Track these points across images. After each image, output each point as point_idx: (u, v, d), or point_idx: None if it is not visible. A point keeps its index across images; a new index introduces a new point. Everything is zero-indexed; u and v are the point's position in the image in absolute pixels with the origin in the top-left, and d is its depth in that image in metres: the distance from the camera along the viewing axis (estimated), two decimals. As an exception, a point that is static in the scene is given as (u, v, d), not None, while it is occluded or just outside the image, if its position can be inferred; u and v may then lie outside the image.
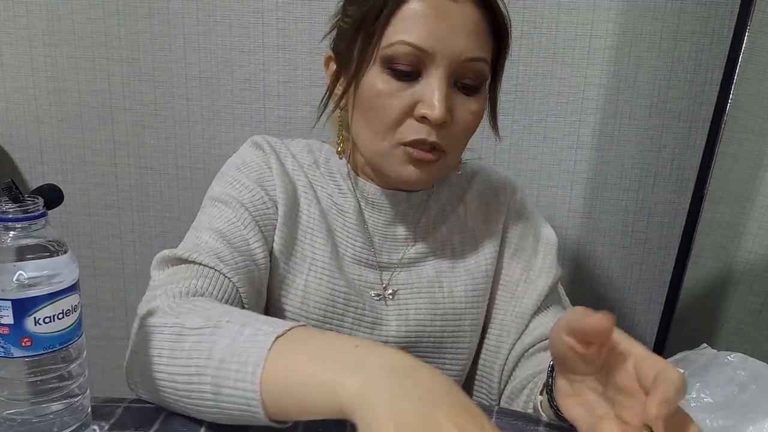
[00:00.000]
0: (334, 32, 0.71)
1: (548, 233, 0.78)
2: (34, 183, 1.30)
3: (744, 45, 0.98)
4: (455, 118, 0.64)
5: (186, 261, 0.63)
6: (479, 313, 0.75)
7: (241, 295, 0.63)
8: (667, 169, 1.18)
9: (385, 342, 0.71)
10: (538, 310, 0.73)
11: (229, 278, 0.62)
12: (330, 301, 0.69)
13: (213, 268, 0.62)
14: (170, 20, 1.18)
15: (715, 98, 1.04)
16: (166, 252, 0.64)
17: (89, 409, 0.48)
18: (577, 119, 1.17)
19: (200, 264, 0.62)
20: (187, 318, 0.51)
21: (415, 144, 0.63)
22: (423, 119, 0.62)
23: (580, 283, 1.26)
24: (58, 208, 0.48)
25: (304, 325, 0.47)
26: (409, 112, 0.63)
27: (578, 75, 1.15)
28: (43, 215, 0.44)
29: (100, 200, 1.29)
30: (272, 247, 0.69)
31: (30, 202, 0.43)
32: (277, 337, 0.44)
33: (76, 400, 0.46)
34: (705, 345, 0.49)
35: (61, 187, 0.50)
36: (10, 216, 0.42)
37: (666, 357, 1.24)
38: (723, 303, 1.10)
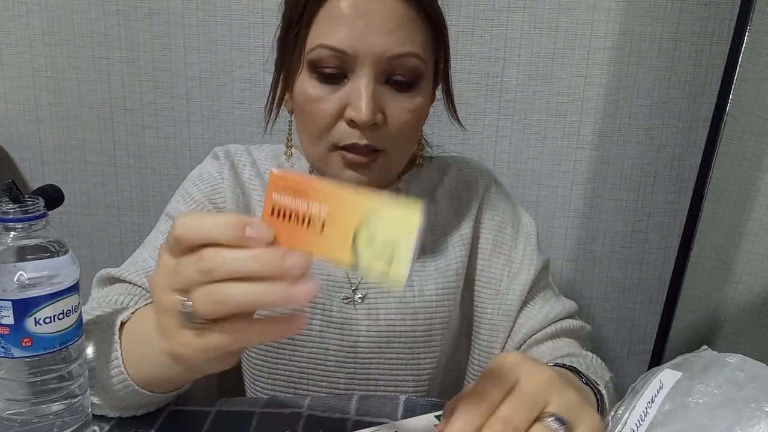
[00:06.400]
0: None
1: (526, 222, 0.77)
2: (34, 183, 1.30)
3: (744, 45, 0.98)
4: (389, 117, 0.62)
5: (119, 280, 0.65)
6: (450, 311, 0.74)
7: None
8: (667, 169, 1.18)
9: (356, 343, 0.70)
10: (524, 304, 0.73)
11: None
12: None
13: (141, 287, 0.64)
14: (170, 20, 1.18)
15: (715, 98, 1.04)
16: (103, 272, 0.67)
17: (89, 410, 0.48)
18: (577, 119, 1.17)
19: (130, 283, 0.64)
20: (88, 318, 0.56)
21: (349, 149, 0.62)
22: (352, 122, 0.61)
23: (581, 283, 1.26)
24: (58, 208, 0.48)
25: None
26: (339, 115, 0.61)
27: (578, 75, 1.15)
28: (43, 216, 0.44)
29: (100, 200, 1.29)
30: None
31: (30, 202, 0.43)
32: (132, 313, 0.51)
33: (76, 400, 0.46)
34: (705, 347, 0.49)
35: (61, 188, 0.50)
36: (11, 216, 0.42)
37: (666, 359, 1.24)
38: (723, 303, 1.10)
